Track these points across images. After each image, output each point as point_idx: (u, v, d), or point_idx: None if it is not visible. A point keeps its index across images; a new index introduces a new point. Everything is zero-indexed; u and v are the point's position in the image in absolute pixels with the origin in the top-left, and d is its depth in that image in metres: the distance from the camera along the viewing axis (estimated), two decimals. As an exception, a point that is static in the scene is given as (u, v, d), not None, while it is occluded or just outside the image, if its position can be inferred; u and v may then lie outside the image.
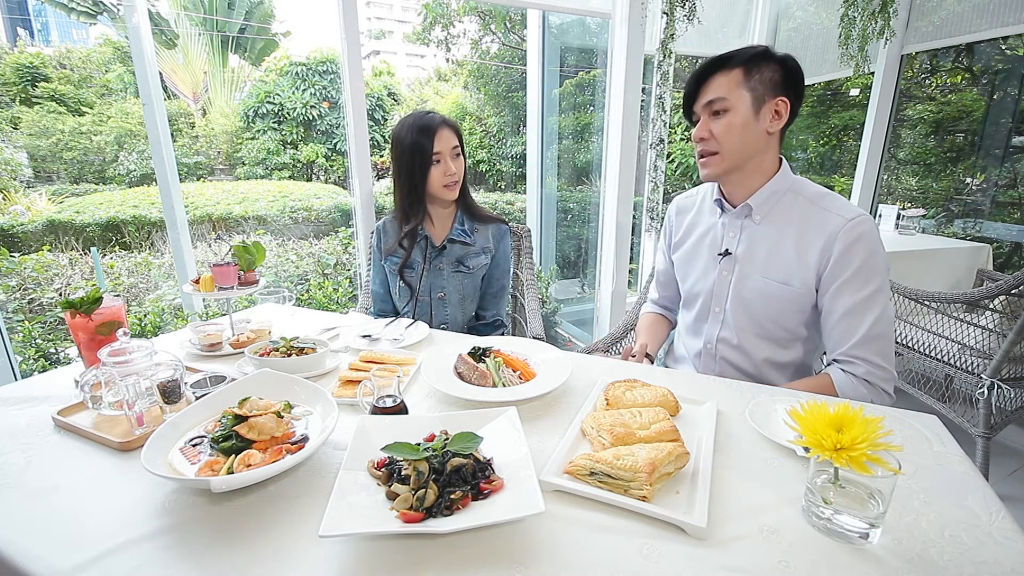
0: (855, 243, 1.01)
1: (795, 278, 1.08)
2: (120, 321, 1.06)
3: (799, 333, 1.13)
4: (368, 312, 1.70)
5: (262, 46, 7.89)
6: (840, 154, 4.28)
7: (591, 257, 3.40)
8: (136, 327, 2.54)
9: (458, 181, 1.47)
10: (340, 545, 0.59)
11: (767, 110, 1.06)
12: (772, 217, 1.12)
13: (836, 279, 1.04)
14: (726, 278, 1.18)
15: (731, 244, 1.17)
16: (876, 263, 1.02)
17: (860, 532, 0.59)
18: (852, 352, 1.04)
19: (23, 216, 4.28)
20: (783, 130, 1.10)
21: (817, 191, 1.10)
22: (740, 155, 1.08)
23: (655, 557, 0.57)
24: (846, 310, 1.03)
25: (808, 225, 1.07)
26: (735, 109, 1.05)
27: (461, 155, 1.48)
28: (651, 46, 2.68)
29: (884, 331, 1.03)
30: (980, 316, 1.90)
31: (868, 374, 1.02)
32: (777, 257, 1.10)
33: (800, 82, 1.07)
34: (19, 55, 6.30)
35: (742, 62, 1.05)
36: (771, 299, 1.11)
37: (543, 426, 0.86)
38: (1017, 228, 2.95)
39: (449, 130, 1.44)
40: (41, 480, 0.72)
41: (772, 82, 1.05)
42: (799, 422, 0.64)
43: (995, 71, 3.05)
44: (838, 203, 1.07)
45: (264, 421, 0.73)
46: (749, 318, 1.16)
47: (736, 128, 1.06)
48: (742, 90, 1.05)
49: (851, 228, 1.02)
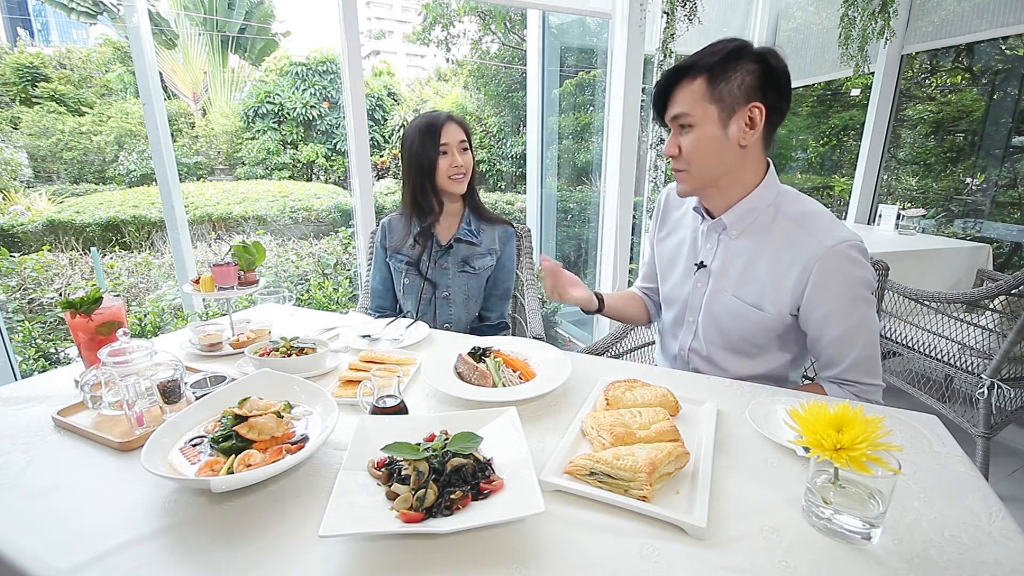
0: (835, 273, 0.95)
1: (767, 302, 1.03)
2: (120, 321, 1.06)
3: (768, 348, 1.10)
4: (367, 312, 1.70)
5: (262, 46, 7.89)
6: (840, 154, 4.28)
7: (591, 257, 3.40)
8: (136, 327, 2.54)
9: (465, 174, 1.49)
10: (340, 545, 0.59)
11: (738, 120, 0.95)
12: (749, 233, 1.05)
13: (818, 308, 0.99)
14: (700, 290, 1.14)
15: (707, 257, 1.12)
16: (859, 290, 0.97)
17: (860, 532, 0.59)
18: (844, 376, 1.03)
19: (23, 216, 4.28)
20: (768, 133, 1.00)
21: (800, 210, 1.01)
22: (711, 172, 1.01)
23: (655, 557, 0.57)
24: (834, 338, 1.00)
25: (785, 247, 1.00)
26: (700, 125, 0.96)
27: (469, 150, 1.50)
28: (651, 46, 2.68)
29: (872, 352, 1.01)
30: (980, 316, 1.89)
31: (860, 391, 1.03)
32: (750, 278, 1.05)
33: (783, 79, 0.95)
34: (19, 55, 6.29)
35: (706, 69, 0.94)
36: (741, 319, 1.07)
37: (543, 426, 0.86)
38: (1017, 228, 2.95)
39: (456, 125, 1.47)
40: (41, 480, 0.72)
41: (744, 87, 0.93)
42: (799, 422, 0.64)
43: (995, 71, 3.05)
44: (820, 225, 0.98)
45: (264, 421, 0.73)
46: (718, 332, 1.12)
47: (702, 144, 0.97)
48: (707, 102, 0.94)
49: (830, 257, 0.95)
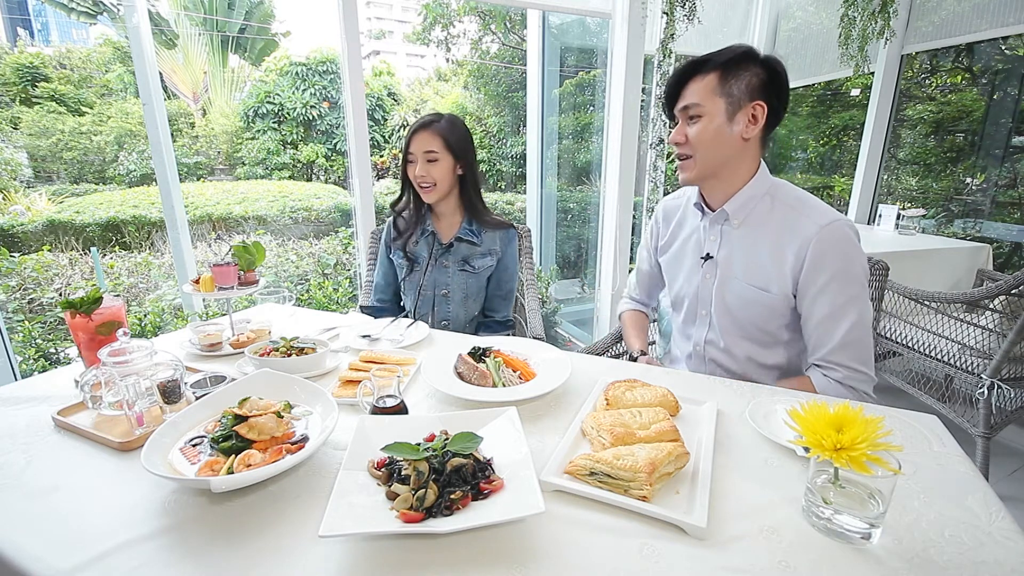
0: (828, 250, 1.02)
1: (772, 284, 1.09)
2: (120, 321, 1.06)
3: (780, 336, 1.14)
4: (367, 304, 1.70)
5: (262, 46, 7.89)
6: (840, 154, 4.28)
7: (591, 257, 3.41)
8: (136, 327, 2.54)
9: (431, 184, 1.47)
10: (340, 545, 0.59)
11: (742, 115, 1.04)
12: (749, 222, 1.12)
13: (812, 285, 1.04)
14: (709, 282, 1.18)
15: (712, 248, 1.17)
16: (851, 269, 1.02)
17: (860, 532, 0.59)
18: (830, 358, 1.05)
19: (23, 216, 4.28)
20: (765, 134, 1.09)
21: (794, 196, 1.10)
22: (714, 161, 1.08)
23: (655, 557, 0.57)
24: (823, 316, 1.04)
25: (783, 231, 1.07)
26: (709, 115, 1.05)
27: (439, 161, 1.46)
28: (651, 46, 2.68)
29: (861, 336, 1.04)
30: (980, 316, 1.90)
31: (846, 378, 1.04)
32: (755, 263, 1.11)
33: (784, 85, 1.05)
34: (19, 55, 6.29)
35: (719, 65, 1.03)
36: (751, 303, 1.12)
37: (543, 426, 0.86)
38: (1017, 228, 2.95)
39: (428, 134, 1.45)
40: (41, 480, 0.72)
41: (750, 86, 1.03)
42: (799, 422, 0.64)
43: (995, 71, 3.05)
44: (813, 208, 1.06)
45: (264, 421, 0.73)
46: (732, 321, 1.16)
47: (709, 134, 1.05)
48: (717, 96, 1.04)
49: (824, 235, 1.02)
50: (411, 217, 1.60)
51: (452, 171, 1.49)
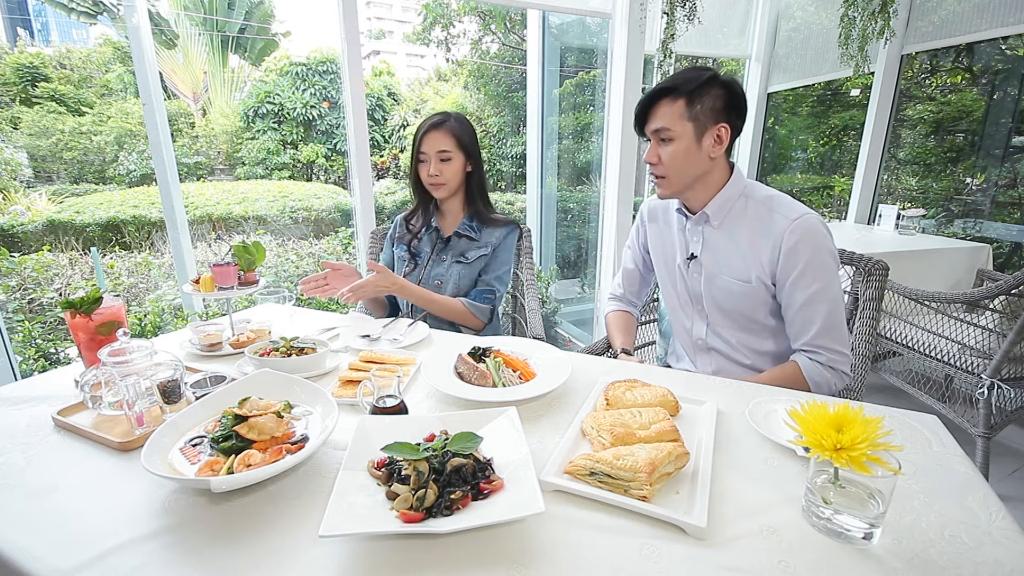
0: (799, 242, 1.09)
1: (752, 275, 1.17)
2: (120, 321, 1.06)
3: (768, 323, 1.22)
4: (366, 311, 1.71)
5: (262, 46, 7.89)
6: (840, 154, 4.28)
7: (591, 257, 3.40)
8: (136, 327, 2.54)
9: (443, 183, 1.51)
10: (340, 545, 0.59)
11: (708, 137, 1.13)
12: (727, 221, 1.20)
13: (788, 275, 1.12)
14: (697, 279, 1.26)
15: (696, 248, 1.25)
16: (822, 257, 1.10)
17: (860, 532, 0.59)
18: (815, 342, 1.13)
19: (23, 216, 4.28)
20: (730, 146, 1.18)
21: (766, 194, 1.18)
22: (687, 178, 1.17)
23: (655, 557, 0.57)
24: (801, 304, 1.12)
25: (758, 226, 1.16)
26: (679, 139, 1.13)
27: (452, 160, 1.50)
28: (651, 46, 2.68)
29: (837, 321, 1.13)
30: (980, 316, 1.90)
31: (830, 360, 1.12)
32: (735, 257, 1.19)
33: (743, 106, 1.14)
34: (19, 55, 6.29)
35: (687, 92, 1.11)
36: (736, 295, 1.20)
37: (543, 426, 0.86)
38: (1017, 228, 2.94)
39: (440, 133, 1.49)
40: (41, 480, 0.72)
41: (714, 110, 1.11)
42: (799, 422, 0.64)
43: (995, 71, 3.05)
44: (784, 204, 1.14)
45: (264, 421, 0.73)
46: (723, 314, 1.25)
47: (680, 156, 1.14)
48: (685, 120, 1.11)
49: (794, 228, 1.10)
50: (420, 219, 1.64)
51: (462, 169, 1.54)
